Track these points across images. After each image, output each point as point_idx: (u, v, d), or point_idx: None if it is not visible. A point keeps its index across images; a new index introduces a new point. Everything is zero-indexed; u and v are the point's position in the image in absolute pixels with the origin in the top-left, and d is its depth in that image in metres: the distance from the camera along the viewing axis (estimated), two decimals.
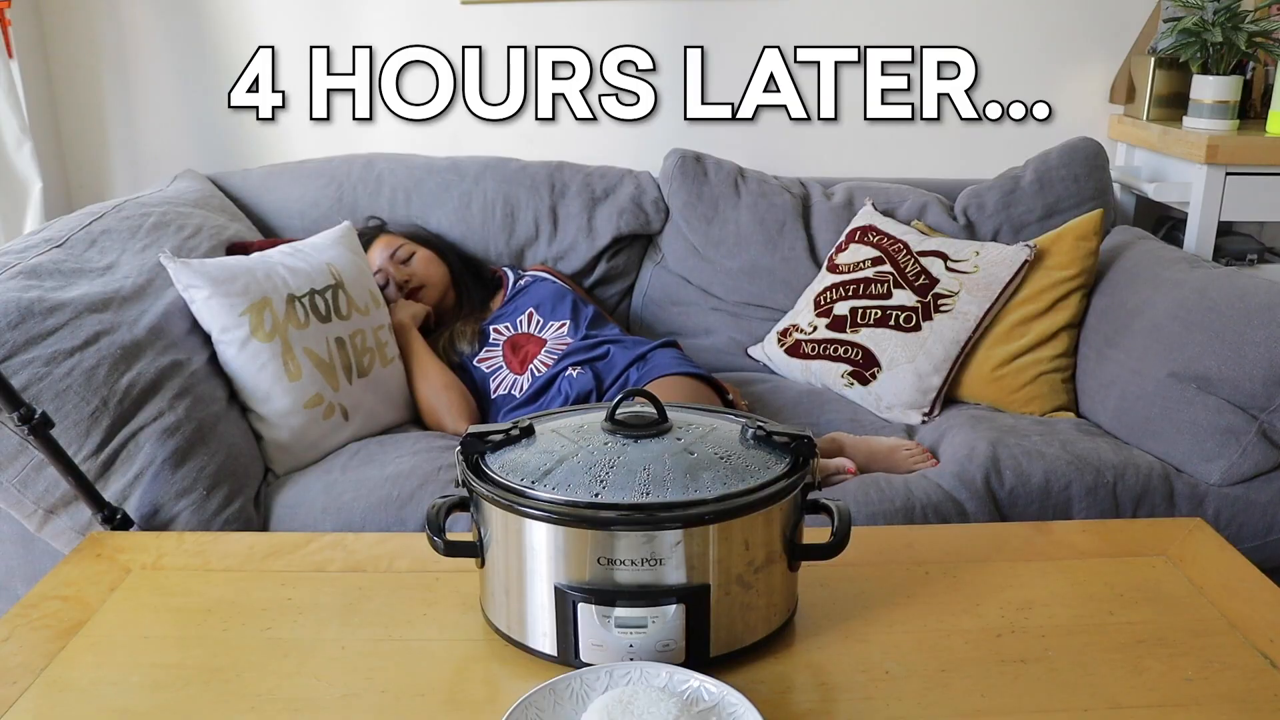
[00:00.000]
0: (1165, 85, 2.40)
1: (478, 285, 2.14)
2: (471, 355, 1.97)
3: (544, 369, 1.89)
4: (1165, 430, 1.71)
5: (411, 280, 2.02)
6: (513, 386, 1.91)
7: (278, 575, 1.15)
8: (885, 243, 2.09)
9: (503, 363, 1.95)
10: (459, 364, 1.97)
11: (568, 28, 2.45)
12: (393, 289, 1.99)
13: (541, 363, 1.91)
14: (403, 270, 2.02)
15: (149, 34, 2.46)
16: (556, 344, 1.94)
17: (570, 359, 1.88)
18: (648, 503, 0.92)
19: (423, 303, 2.01)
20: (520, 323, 2.01)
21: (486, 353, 1.97)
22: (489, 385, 1.93)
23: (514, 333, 2.00)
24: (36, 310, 1.45)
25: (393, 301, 1.96)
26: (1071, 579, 1.12)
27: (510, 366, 1.93)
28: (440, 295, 2.08)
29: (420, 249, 2.07)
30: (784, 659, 0.99)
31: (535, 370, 1.90)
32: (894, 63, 2.49)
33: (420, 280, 2.04)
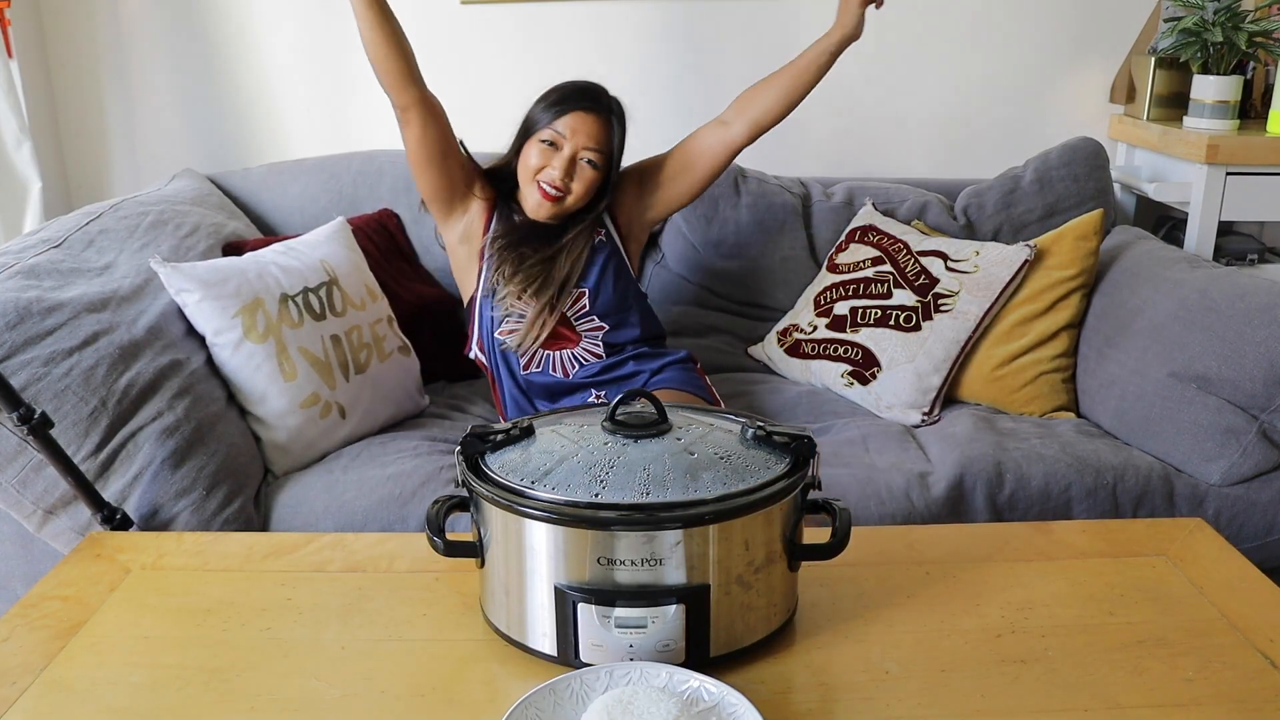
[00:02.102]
0: (1165, 85, 2.40)
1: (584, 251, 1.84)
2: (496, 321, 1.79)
3: (566, 370, 1.82)
4: (1165, 430, 1.71)
5: (560, 188, 1.74)
6: (546, 364, 1.81)
7: (278, 575, 1.14)
8: (885, 242, 2.09)
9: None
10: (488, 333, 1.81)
11: (568, 28, 2.45)
12: (554, 174, 1.73)
13: (566, 361, 1.82)
14: (571, 173, 1.74)
15: (148, 34, 2.46)
16: (587, 351, 1.83)
17: (596, 378, 1.81)
18: (648, 503, 0.92)
19: (536, 210, 1.78)
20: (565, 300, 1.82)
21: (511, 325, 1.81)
22: (515, 361, 1.82)
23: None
24: (35, 310, 1.45)
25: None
26: (1072, 579, 1.12)
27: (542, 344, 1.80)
28: (557, 222, 1.82)
29: (597, 175, 1.77)
30: (784, 659, 0.99)
31: (558, 363, 1.82)
32: (894, 62, 2.49)
33: (567, 193, 1.76)
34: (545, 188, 1.73)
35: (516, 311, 1.80)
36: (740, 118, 1.85)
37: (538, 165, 1.74)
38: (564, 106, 1.74)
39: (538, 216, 1.78)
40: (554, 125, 1.73)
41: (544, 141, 1.74)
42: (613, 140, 1.77)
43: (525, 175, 1.76)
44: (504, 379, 1.85)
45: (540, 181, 1.74)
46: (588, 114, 1.74)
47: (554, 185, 1.73)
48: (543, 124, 1.75)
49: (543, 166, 1.74)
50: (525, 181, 1.77)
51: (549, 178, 1.73)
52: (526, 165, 1.75)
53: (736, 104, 1.87)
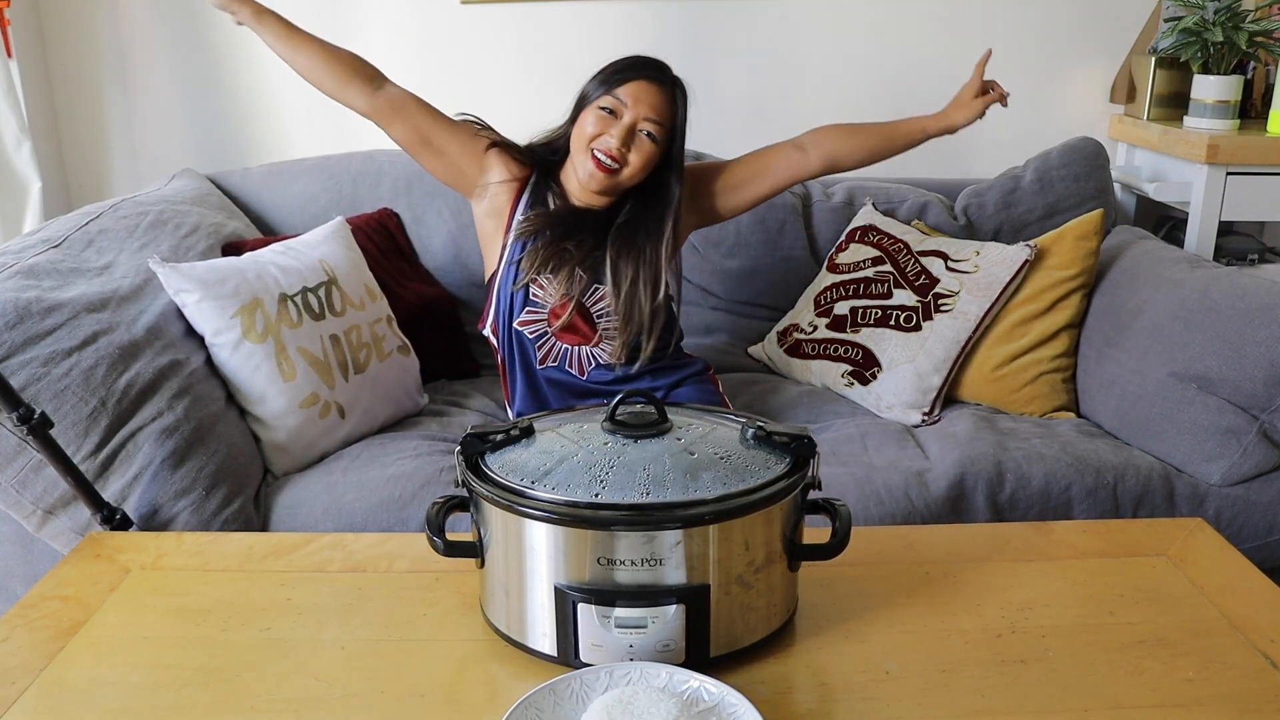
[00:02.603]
0: (1166, 85, 2.40)
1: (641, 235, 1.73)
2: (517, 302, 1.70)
3: (581, 368, 1.75)
4: (1166, 430, 1.71)
5: (617, 158, 1.64)
6: (563, 359, 1.74)
7: (277, 575, 1.14)
8: (885, 242, 2.09)
9: (548, 329, 1.73)
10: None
11: (567, 28, 2.45)
12: (611, 141, 1.63)
13: (583, 358, 1.75)
14: (629, 143, 1.64)
15: (148, 34, 2.46)
16: (604, 352, 1.75)
17: (609, 386, 1.75)
18: (648, 503, 0.92)
19: (588, 181, 1.67)
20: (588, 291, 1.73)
21: (530, 314, 1.73)
22: (532, 353, 1.75)
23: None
24: (34, 310, 1.45)
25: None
26: (1072, 579, 1.12)
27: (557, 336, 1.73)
28: (609, 200, 1.72)
29: (655, 149, 1.67)
30: (784, 659, 0.99)
31: (574, 359, 1.75)
32: (894, 62, 2.49)
33: (623, 164, 1.65)
34: (600, 156, 1.63)
35: (537, 300, 1.73)
36: (818, 151, 1.81)
37: (594, 133, 1.64)
38: (626, 74, 1.65)
39: (589, 188, 1.68)
40: (614, 92, 1.63)
41: (602, 109, 1.64)
42: (675, 114, 1.67)
43: (579, 143, 1.66)
44: (517, 369, 1.78)
45: (595, 149, 1.64)
46: (651, 84, 1.64)
47: (609, 154, 1.63)
48: (602, 92, 1.65)
49: (599, 134, 1.63)
50: (578, 150, 1.67)
51: (605, 145, 1.63)
52: (582, 132, 1.65)
53: (819, 136, 1.83)
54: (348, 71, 1.71)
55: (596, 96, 1.65)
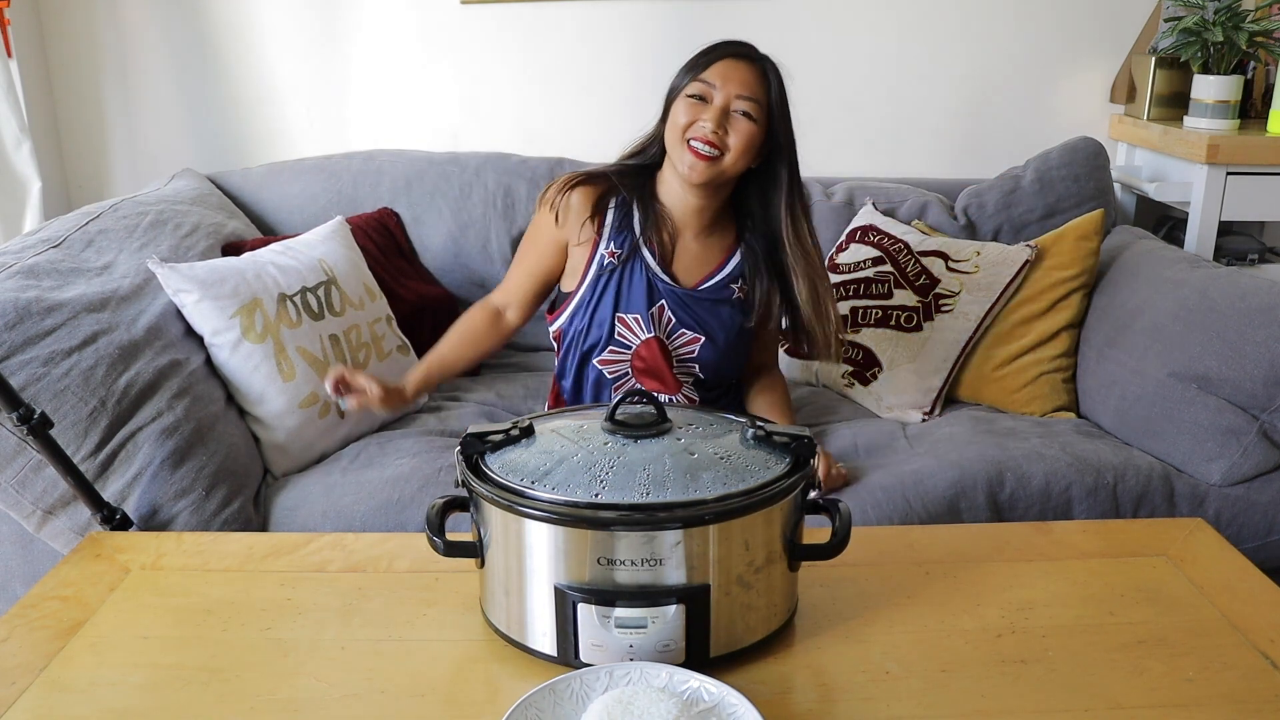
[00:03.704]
0: (1166, 85, 2.40)
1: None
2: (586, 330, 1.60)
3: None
4: (1166, 430, 1.71)
5: (715, 143, 1.53)
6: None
7: (277, 575, 1.14)
8: (886, 243, 2.09)
9: (629, 370, 1.62)
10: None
11: (567, 28, 2.45)
12: (706, 126, 1.51)
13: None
14: (725, 125, 1.53)
15: (148, 34, 2.46)
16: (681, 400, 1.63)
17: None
18: (648, 503, 0.92)
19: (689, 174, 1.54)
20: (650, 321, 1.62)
21: (613, 353, 1.63)
22: (608, 394, 1.64)
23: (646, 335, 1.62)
24: (34, 310, 1.45)
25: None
26: (1072, 579, 1.12)
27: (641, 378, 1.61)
28: (714, 189, 1.60)
29: (755, 129, 1.55)
30: (784, 659, 0.99)
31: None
32: (894, 62, 2.49)
33: (724, 150, 1.54)
34: (697, 145, 1.52)
35: (623, 340, 1.62)
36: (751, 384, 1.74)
37: (686, 122, 1.53)
38: (710, 57, 1.56)
39: (691, 180, 1.55)
40: (701, 77, 1.54)
41: (691, 96, 1.54)
42: (770, 91, 1.56)
43: (674, 137, 1.56)
44: (586, 396, 1.68)
45: (690, 140, 1.53)
46: (738, 60, 1.55)
47: (706, 140, 1.52)
48: (689, 80, 1.55)
49: (692, 122, 1.53)
50: (674, 144, 1.56)
51: (700, 132, 1.52)
52: (675, 126, 1.55)
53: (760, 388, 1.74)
54: (491, 335, 1.68)
55: (684, 85, 1.56)
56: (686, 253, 1.64)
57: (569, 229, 1.62)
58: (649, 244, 1.62)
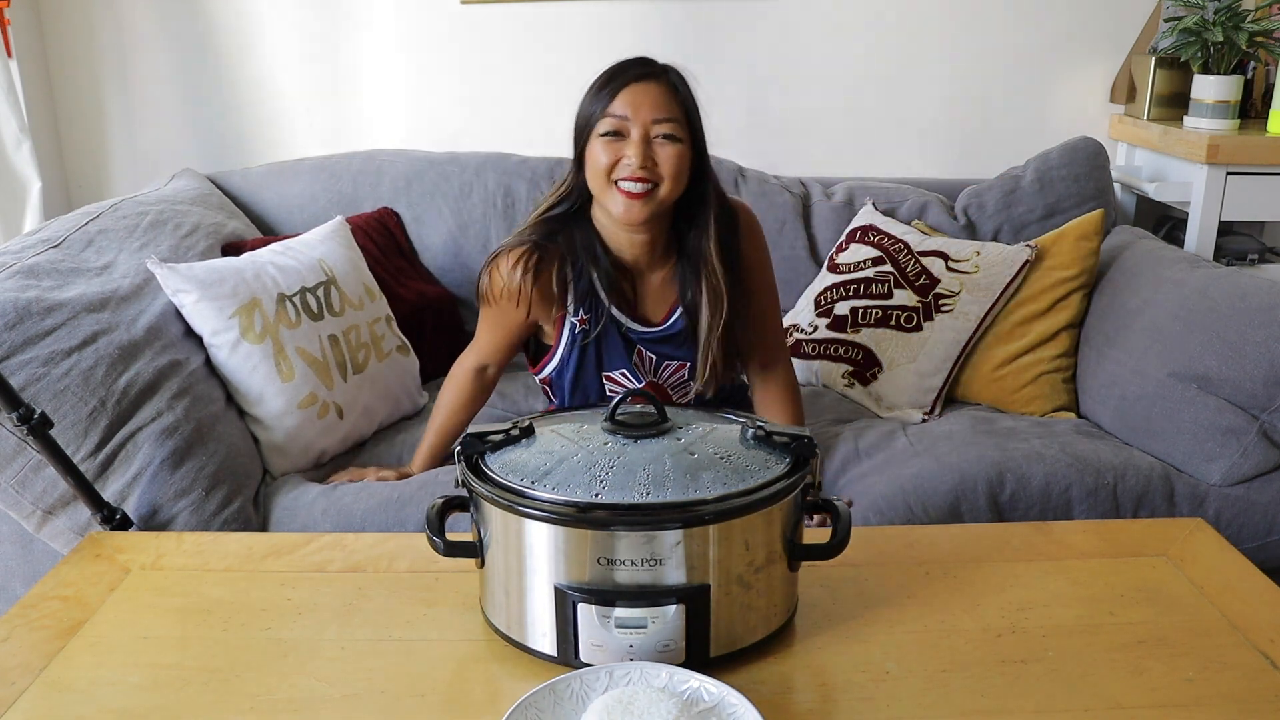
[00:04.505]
0: (1166, 85, 2.40)
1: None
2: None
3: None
4: (1166, 430, 1.71)
5: (646, 177, 1.42)
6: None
7: (277, 575, 1.14)
8: (886, 243, 2.09)
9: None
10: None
11: (567, 28, 2.45)
12: (631, 162, 1.41)
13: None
14: (651, 154, 1.42)
15: (148, 34, 2.46)
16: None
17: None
18: (648, 503, 0.92)
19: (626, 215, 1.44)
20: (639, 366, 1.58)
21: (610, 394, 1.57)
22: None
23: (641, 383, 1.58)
24: (34, 310, 1.45)
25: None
26: (1072, 579, 1.12)
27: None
28: (657, 220, 1.49)
29: (683, 149, 1.45)
30: (784, 659, 0.99)
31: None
32: (894, 62, 2.49)
33: (657, 181, 1.44)
34: (627, 186, 1.42)
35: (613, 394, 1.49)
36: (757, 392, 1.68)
37: (609, 163, 1.42)
38: (614, 87, 1.44)
39: (630, 222, 1.45)
40: (609, 111, 1.42)
41: (605, 135, 1.42)
42: (685, 105, 1.45)
43: (599, 184, 1.45)
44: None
45: (618, 181, 1.42)
46: (643, 83, 1.43)
47: (635, 178, 1.41)
48: (596, 116, 1.44)
49: (615, 161, 1.42)
50: (601, 191, 1.45)
51: (626, 170, 1.41)
52: (596, 170, 1.44)
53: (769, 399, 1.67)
54: (481, 395, 1.67)
55: (593, 125, 1.44)
56: (649, 292, 1.57)
57: (537, 313, 1.54)
58: (615, 302, 1.54)
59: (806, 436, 1.01)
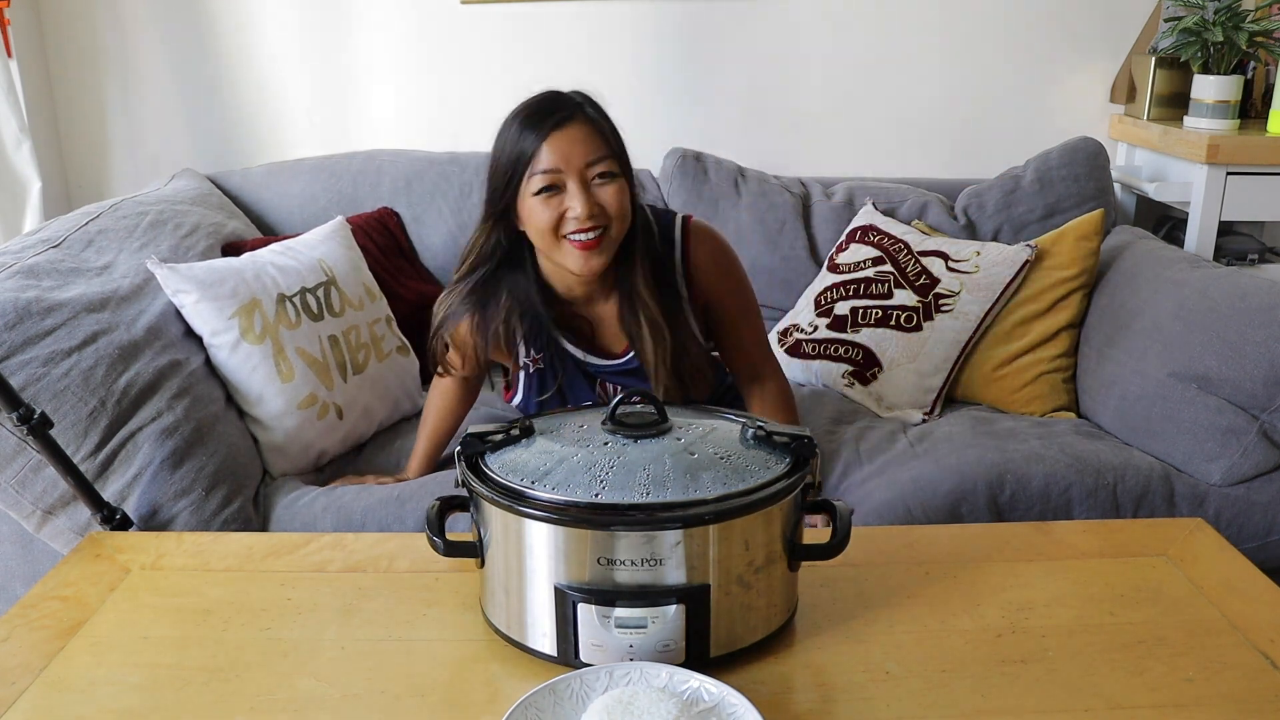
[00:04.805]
0: (1166, 85, 2.40)
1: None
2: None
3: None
4: (1166, 430, 1.71)
5: (595, 224, 1.34)
6: None
7: (278, 575, 1.14)
8: (886, 242, 2.09)
9: None
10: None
11: (567, 27, 2.45)
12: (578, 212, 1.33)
13: None
14: (593, 199, 1.35)
15: (148, 34, 2.46)
16: None
17: None
18: (648, 503, 0.92)
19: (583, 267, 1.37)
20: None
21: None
22: None
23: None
24: (34, 310, 1.45)
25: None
26: (1072, 579, 1.12)
27: None
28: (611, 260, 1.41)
29: (621, 183, 1.37)
30: (784, 659, 0.99)
31: None
32: (894, 62, 2.49)
33: (606, 223, 1.36)
34: (578, 238, 1.34)
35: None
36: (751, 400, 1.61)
37: (553, 219, 1.34)
38: (534, 138, 1.35)
39: (590, 273, 1.38)
40: (538, 168, 1.34)
41: (540, 192, 1.34)
42: (609, 139, 1.38)
43: (546, 242, 1.37)
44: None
45: (568, 237, 1.35)
46: (564, 127, 1.35)
47: (585, 227, 1.34)
48: (522, 174, 1.35)
49: (559, 217, 1.34)
50: (550, 249, 1.37)
51: (576, 224, 1.34)
52: (540, 229, 1.35)
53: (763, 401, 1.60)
54: (467, 398, 1.67)
55: (520, 186, 1.36)
56: (606, 324, 1.50)
57: (496, 357, 1.50)
58: (571, 340, 1.49)
59: (806, 436, 1.01)
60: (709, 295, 1.51)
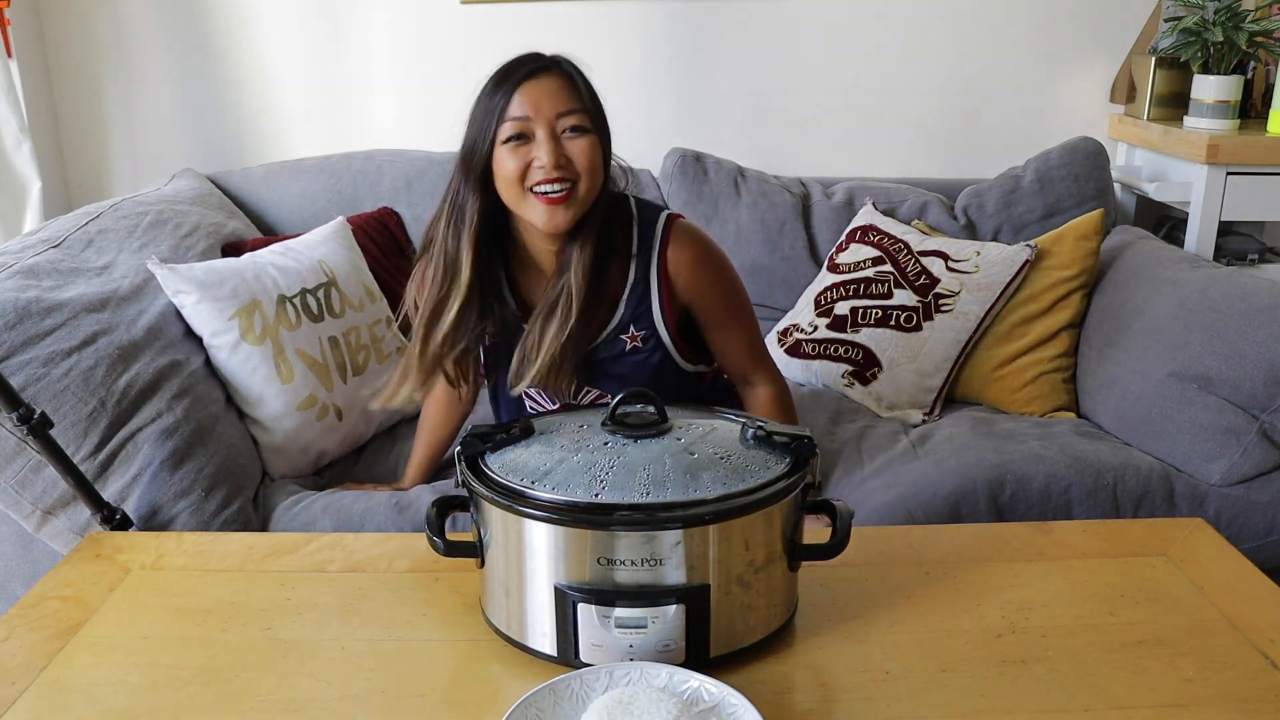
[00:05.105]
0: (1166, 85, 2.40)
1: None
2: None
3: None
4: (1166, 430, 1.71)
5: (562, 176, 1.31)
6: None
7: (278, 575, 1.14)
8: (886, 242, 2.09)
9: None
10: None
11: (568, 27, 2.45)
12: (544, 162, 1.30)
13: None
14: (562, 151, 1.31)
15: (148, 34, 2.46)
16: None
17: None
18: (648, 503, 0.92)
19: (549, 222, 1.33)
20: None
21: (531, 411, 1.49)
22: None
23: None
24: (34, 310, 1.45)
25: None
26: (1072, 579, 1.12)
27: None
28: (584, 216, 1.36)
29: (593, 140, 1.34)
30: (784, 659, 0.99)
31: None
32: (894, 62, 2.49)
33: (575, 179, 1.32)
34: (544, 190, 1.31)
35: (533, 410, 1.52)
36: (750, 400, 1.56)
37: (518, 169, 1.31)
38: (505, 89, 1.33)
39: (555, 229, 1.33)
40: (508, 115, 1.31)
41: (509, 140, 1.31)
42: (584, 95, 1.34)
43: (512, 195, 1.33)
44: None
45: (533, 188, 1.31)
46: (537, 78, 1.32)
47: (551, 179, 1.30)
48: (494, 124, 1.33)
49: (525, 167, 1.31)
50: (516, 201, 1.34)
51: (540, 173, 1.30)
52: (507, 180, 1.32)
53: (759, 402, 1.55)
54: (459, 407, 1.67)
55: (491, 134, 1.33)
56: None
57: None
58: (523, 307, 1.42)
59: (806, 436, 1.01)
60: (689, 296, 1.46)
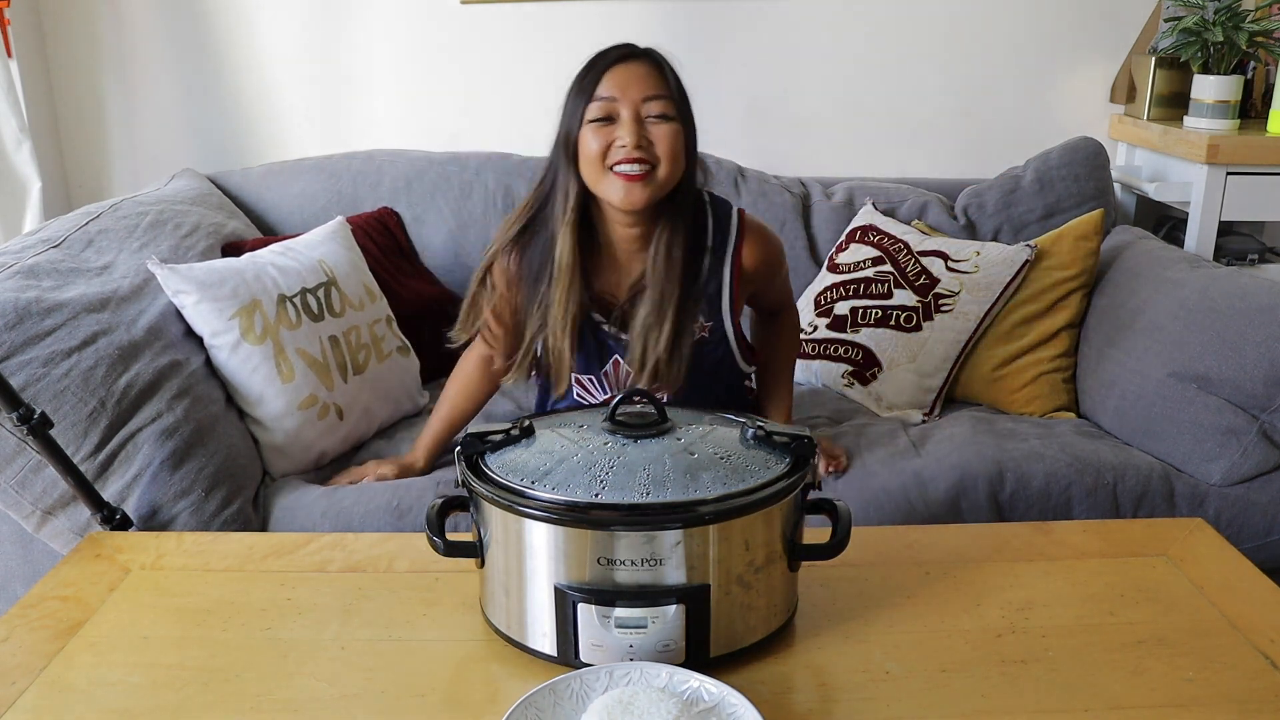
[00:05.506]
0: (1166, 85, 2.40)
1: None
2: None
3: None
4: (1166, 430, 1.71)
5: (643, 158, 1.37)
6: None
7: (278, 575, 1.14)
8: (886, 242, 2.09)
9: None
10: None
11: (568, 27, 2.45)
12: (626, 141, 1.36)
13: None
14: (645, 134, 1.38)
15: (148, 34, 2.46)
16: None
17: None
18: (648, 503, 0.92)
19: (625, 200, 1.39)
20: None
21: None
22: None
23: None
24: (34, 311, 1.45)
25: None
26: (1072, 579, 1.12)
27: None
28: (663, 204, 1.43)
29: (677, 127, 1.40)
30: (784, 659, 0.99)
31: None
32: (894, 62, 2.49)
33: (655, 162, 1.39)
34: (625, 169, 1.36)
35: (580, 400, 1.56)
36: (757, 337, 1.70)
37: (600, 148, 1.37)
38: (597, 71, 1.39)
39: (631, 207, 1.39)
40: (596, 95, 1.38)
41: (595, 121, 1.37)
42: (671, 85, 1.41)
43: (594, 173, 1.39)
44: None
45: (614, 167, 1.37)
46: (628, 63, 1.39)
47: (631, 158, 1.35)
48: (582, 105, 1.39)
49: (607, 146, 1.37)
50: (597, 179, 1.39)
51: (621, 153, 1.36)
52: (590, 161, 1.38)
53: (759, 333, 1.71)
54: (487, 385, 1.65)
55: (580, 114, 1.39)
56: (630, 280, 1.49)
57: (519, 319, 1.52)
58: (595, 298, 1.47)
59: (806, 436, 1.01)
60: (756, 286, 1.57)
